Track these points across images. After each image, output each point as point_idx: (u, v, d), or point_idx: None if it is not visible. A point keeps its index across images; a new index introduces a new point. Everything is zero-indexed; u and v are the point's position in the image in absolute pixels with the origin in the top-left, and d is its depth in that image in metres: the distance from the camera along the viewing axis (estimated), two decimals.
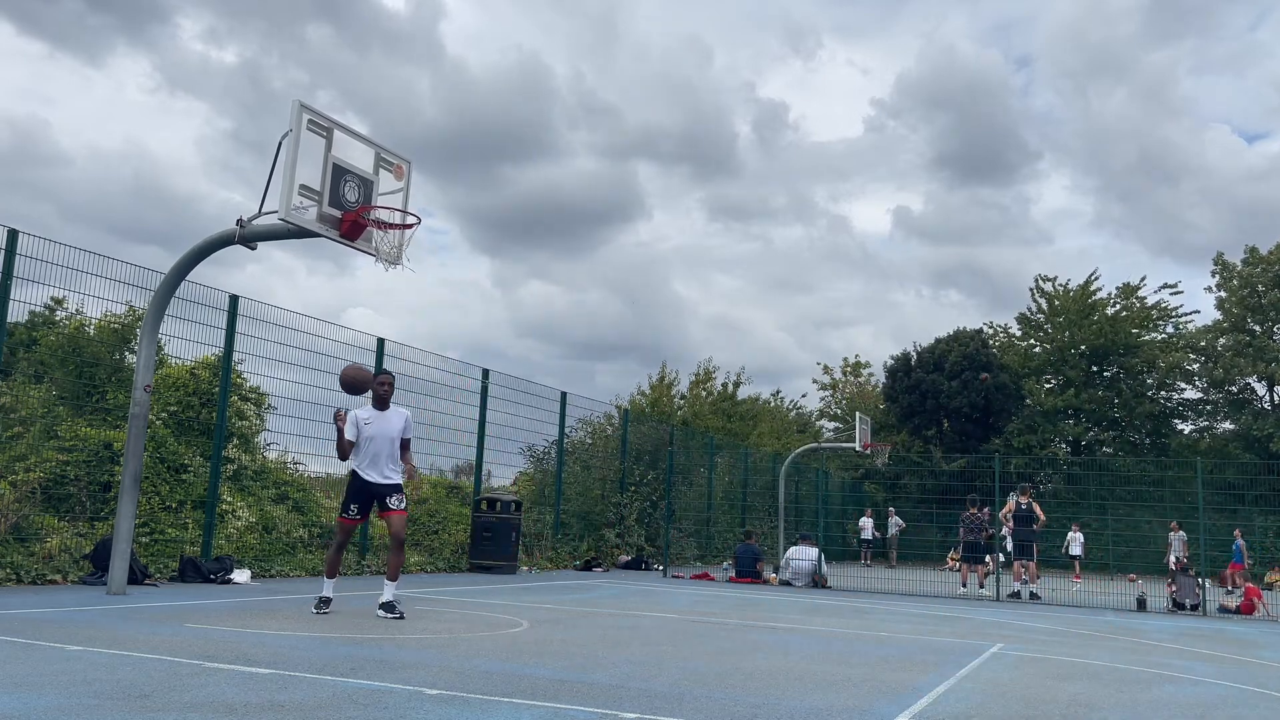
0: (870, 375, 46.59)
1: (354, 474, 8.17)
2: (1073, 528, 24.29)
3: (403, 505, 8.15)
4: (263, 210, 8.68)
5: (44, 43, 74.28)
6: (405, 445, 8.33)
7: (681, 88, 75.29)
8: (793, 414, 44.78)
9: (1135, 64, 70.79)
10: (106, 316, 11.83)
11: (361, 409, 8.37)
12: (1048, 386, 39.27)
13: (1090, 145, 68.04)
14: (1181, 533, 21.26)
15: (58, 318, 12.16)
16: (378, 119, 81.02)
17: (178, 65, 75.52)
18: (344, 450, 8.18)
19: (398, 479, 8.22)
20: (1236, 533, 22.24)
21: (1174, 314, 38.05)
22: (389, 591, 8.01)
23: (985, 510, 16.70)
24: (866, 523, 27.94)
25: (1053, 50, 72.25)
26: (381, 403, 8.33)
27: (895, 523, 27.92)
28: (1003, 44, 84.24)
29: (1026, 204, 70.64)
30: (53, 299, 11.39)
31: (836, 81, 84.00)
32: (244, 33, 79.64)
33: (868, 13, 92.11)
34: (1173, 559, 18.89)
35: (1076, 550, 23.89)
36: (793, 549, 17.26)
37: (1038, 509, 16.48)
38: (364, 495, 8.10)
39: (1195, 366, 36.86)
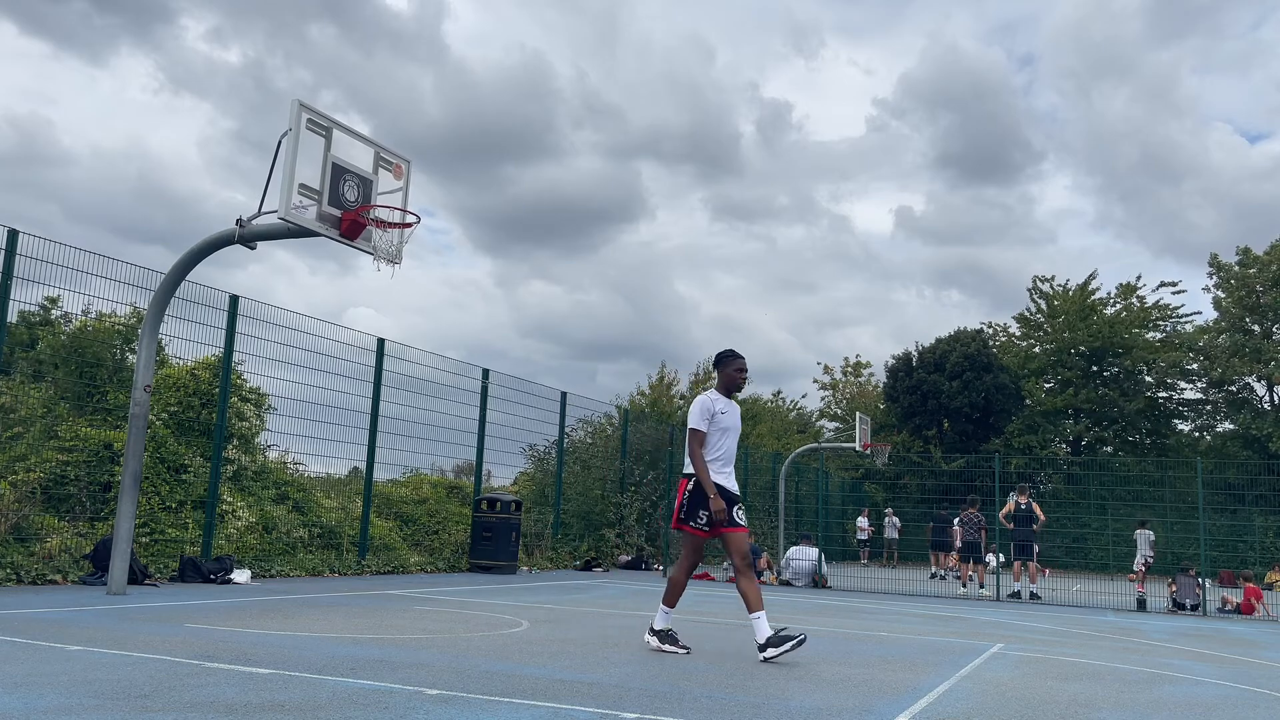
0: (871, 375, 46.62)
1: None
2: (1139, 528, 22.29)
3: (745, 521, 6.79)
4: (262, 210, 8.69)
5: (47, 42, 74.32)
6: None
7: (685, 87, 75.35)
8: (793, 414, 44.79)
9: (1138, 64, 70.83)
10: (107, 317, 11.82)
11: (711, 392, 6.93)
12: (1047, 386, 39.28)
13: (1092, 145, 68.06)
14: (1148, 531, 20.70)
15: (54, 317, 12.16)
16: (381, 118, 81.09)
17: (182, 65, 75.60)
18: (701, 442, 6.71)
19: (736, 487, 6.92)
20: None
21: (1174, 313, 38.07)
22: (764, 627, 6.43)
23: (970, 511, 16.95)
24: (863, 522, 27.95)
25: (1055, 50, 72.28)
26: (735, 391, 7.01)
27: (892, 524, 27.91)
28: (1006, 43, 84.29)
29: (1029, 204, 70.66)
30: (47, 298, 11.39)
31: (839, 81, 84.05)
32: (248, 32, 79.71)
33: (870, 12, 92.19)
34: (1140, 559, 18.56)
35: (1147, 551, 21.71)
36: (793, 549, 17.26)
37: (1037, 509, 16.48)
38: (727, 499, 6.70)
39: (1195, 366, 36.87)
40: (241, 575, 10.83)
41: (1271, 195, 56.60)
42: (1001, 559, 17.87)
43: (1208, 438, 37.49)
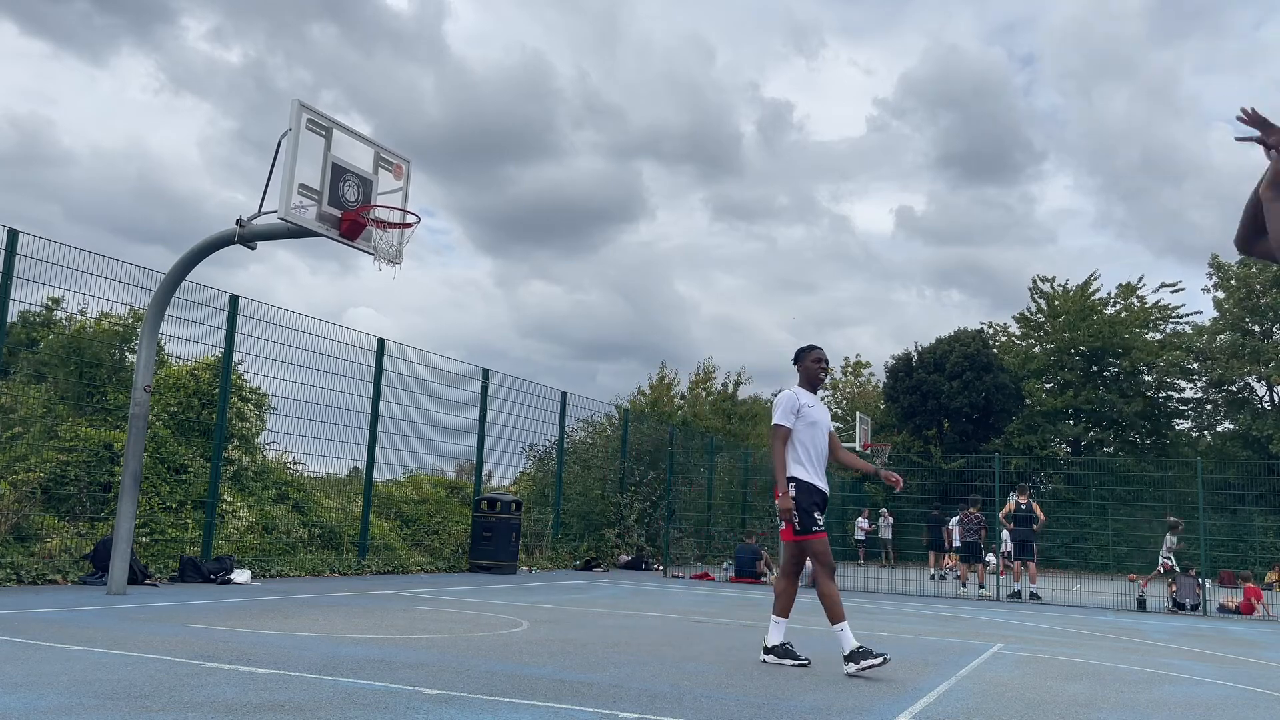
0: (871, 375, 46.63)
1: (802, 480, 6.39)
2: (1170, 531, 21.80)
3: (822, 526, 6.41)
4: (262, 210, 8.69)
5: (47, 42, 74.31)
6: (837, 444, 6.69)
7: (685, 87, 75.29)
8: None
9: (1139, 64, 70.82)
10: (106, 317, 11.83)
11: (795, 387, 6.62)
12: (1047, 387, 39.28)
13: (1093, 145, 68.04)
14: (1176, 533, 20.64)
15: (57, 318, 12.16)
16: (382, 118, 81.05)
17: (182, 65, 75.56)
18: (786, 439, 6.39)
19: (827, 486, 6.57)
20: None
21: (1174, 314, 38.09)
22: (848, 635, 6.16)
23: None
24: (863, 523, 27.96)
25: (1056, 50, 72.25)
26: (819, 385, 6.71)
27: (888, 523, 27.91)
28: (1006, 43, 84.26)
29: (1030, 204, 70.58)
30: (50, 299, 11.39)
31: (839, 81, 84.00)
32: (249, 32, 79.69)
33: (871, 12, 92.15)
34: (1165, 559, 18.52)
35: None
36: None
37: (1037, 509, 16.48)
38: (819, 500, 6.38)
39: (1195, 366, 36.88)
40: (241, 575, 10.83)
41: None
42: (1006, 549, 17.82)
43: (1208, 438, 37.49)
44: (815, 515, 6.26)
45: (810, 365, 6.62)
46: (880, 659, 6.03)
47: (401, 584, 12.01)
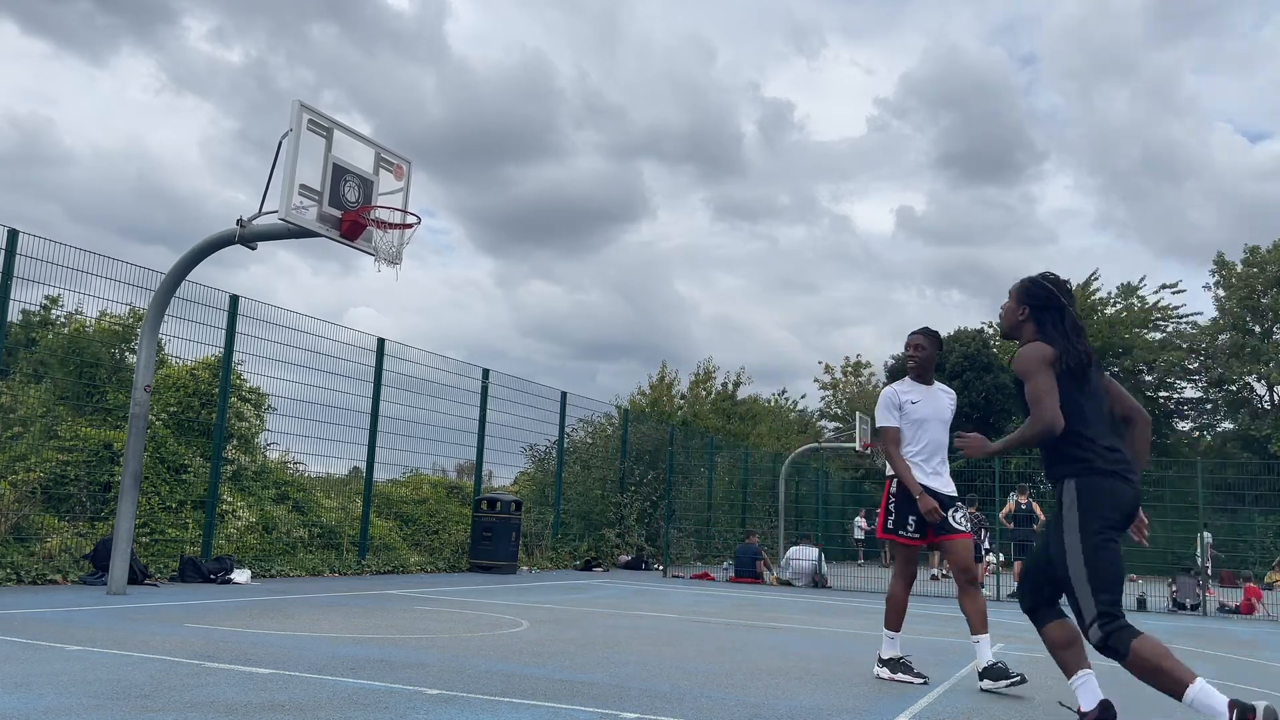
0: (871, 375, 46.65)
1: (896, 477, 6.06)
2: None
3: (968, 526, 6.02)
4: (263, 210, 8.69)
5: (48, 42, 74.30)
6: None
7: (686, 87, 75.30)
8: (794, 414, 44.79)
9: (1140, 64, 70.80)
10: (106, 317, 11.82)
11: (901, 382, 6.21)
12: None
13: (1094, 145, 68.05)
14: (1206, 533, 20.39)
15: (55, 318, 12.16)
16: (383, 118, 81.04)
17: (183, 65, 75.54)
18: (895, 440, 6.04)
19: (953, 489, 6.09)
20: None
21: (1174, 314, 38.09)
22: (985, 648, 5.82)
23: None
24: (861, 522, 27.97)
25: (1057, 50, 72.24)
26: (921, 374, 6.16)
27: None
28: (1007, 43, 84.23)
29: (1030, 204, 70.65)
30: (48, 298, 11.39)
31: (840, 81, 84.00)
32: (250, 32, 79.69)
33: (871, 12, 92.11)
34: (1200, 560, 18.38)
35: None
36: (793, 549, 17.26)
37: (1037, 509, 16.48)
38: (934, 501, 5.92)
39: (1195, 365, 36.88)
40: (241, 575, 10.83)
41: (1273, 195, 56.63)
42: (1001, 559, 17.87)
43: (1208, 438, 37.49)
44: (910, 519, 5.92)
45: (913, 352, 6.15)
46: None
47: (401, 584, 12.01)
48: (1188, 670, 3.82)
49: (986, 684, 5.76)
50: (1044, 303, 4.43)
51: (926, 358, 6.08)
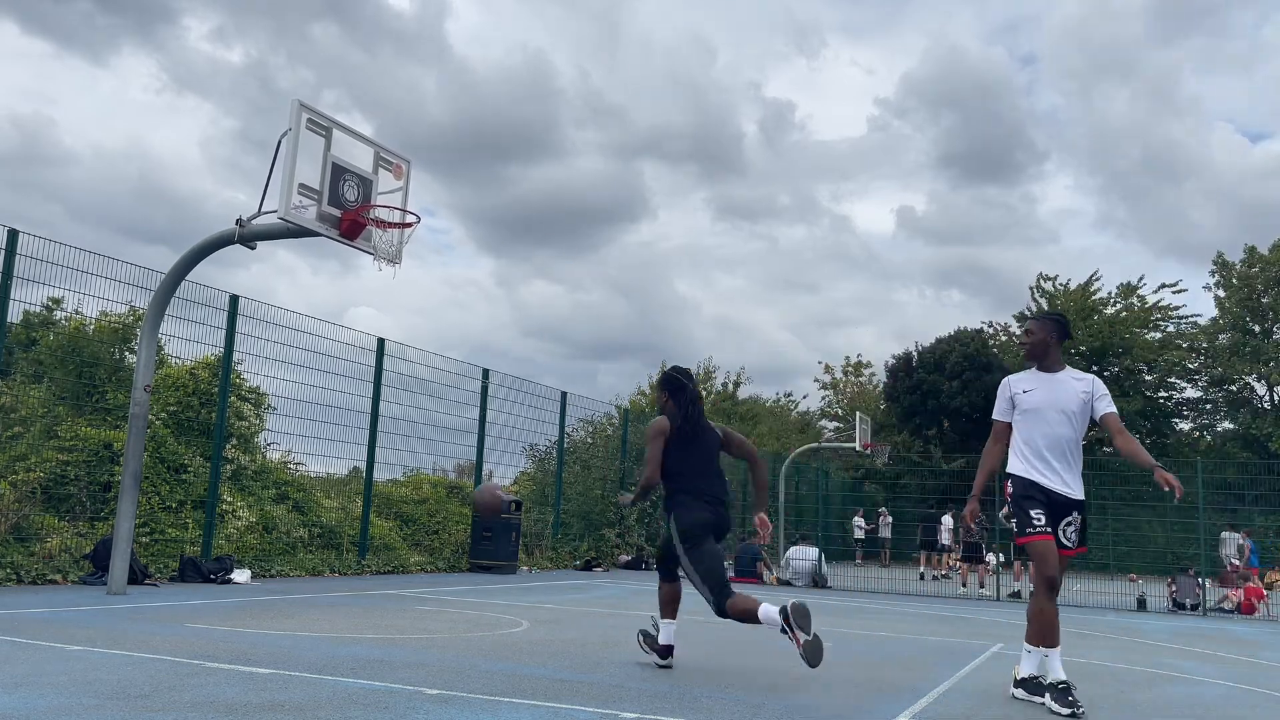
0: (871, 375, 46.65)
1: (1016, 475, 5.55)
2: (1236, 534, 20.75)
3: (1083, 542, 5.50)
4: (262, 209, 8.69)
5: (49, 42, 74.26)
6: (1116, 426, 5.47)
7: (687, 87, 75.25)
8: (794, 414, 44.82)
9: (1140, 63, 70.79)
10: (106, 316, 11.82)
11: (1022, 371, 5.74)
12: None
13: (1094, 145, 68.02)
14: (1235, 533, 20.28)
15: (56, 318, 12.16)
16: (384, 118, 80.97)
17: (184, 65, 75.45)
18: (995, 434, 5.63)
19: (1079, 491, 5.43)
20: (1244, 533, 21.40)
21: (1174, 314, 38.11)
22: (1056, 664, 5.25)
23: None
24: (860, 521, 28.00)
25: (1057, 50, 72.19)
26: (1039, 361, 5.61)
27: (887, 523, 27.93)
28: (1007, 43, 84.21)
29: (1031, 204, 70.55)
30: (51, 299, 11.39)
31: (841, 81, 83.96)
32: (251, 32, 79.66)
33: (872, 12, 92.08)
34: (1230, 561, 18.34)
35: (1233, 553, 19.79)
36: (793, 549, 17.27)
37: None
38: (1041, 499, 5.40)
39: (1195, 365, 36.88)
40: (241, 575, 10.83)
41: (1274, 195, 56.59)
42: (1001, 559, 17.88)
43: (1208, 437, 37.48)
44: (1032, 514, 5.34)
45: (1025, 336, 5.70)
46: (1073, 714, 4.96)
47: (401, 584, 12.00)
48: (756, 601, 5.42)
49: (1020, 693, 5.40)
50: (675, 387, 6.15)
51: (1036, 343, 5.56)
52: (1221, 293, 36.25)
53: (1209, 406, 37.99)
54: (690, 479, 5.87)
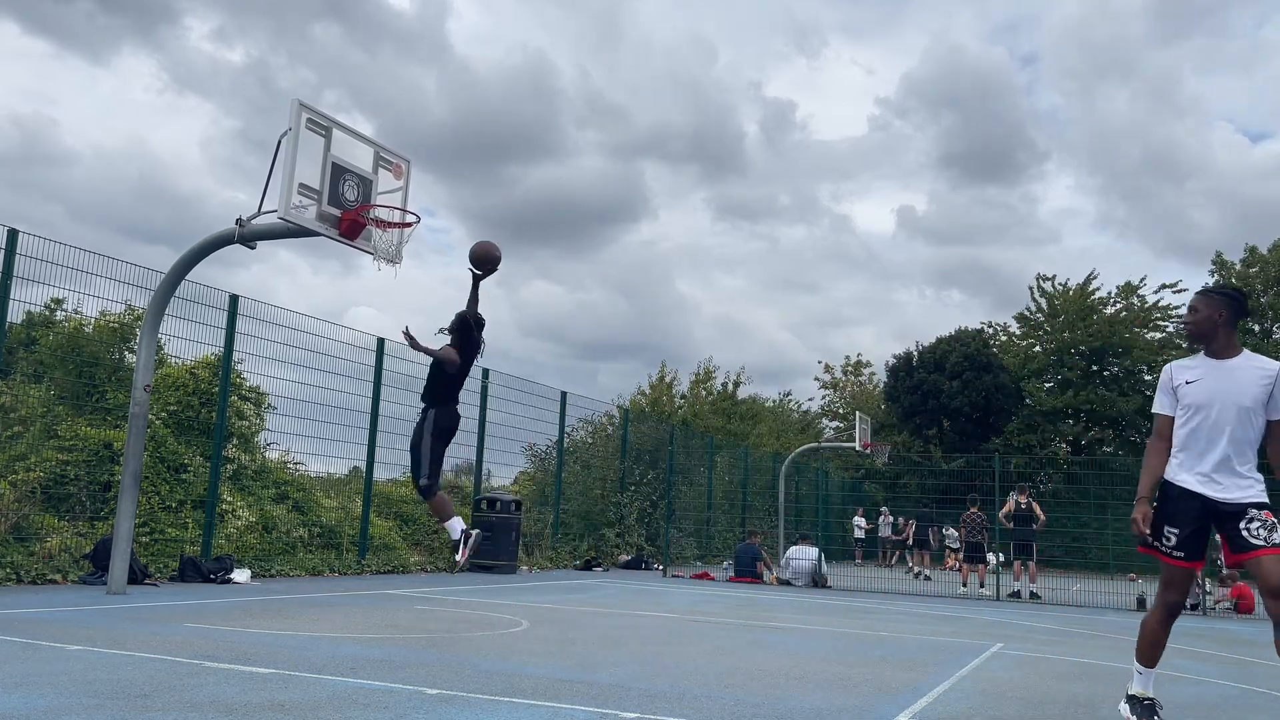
0: (872, 375, 46.68)
1: (1170, 481, 4.65)
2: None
3: (1272, 539, 4.31)
4: (262, 209, 8.68)
5: (49, 42, 74.23)
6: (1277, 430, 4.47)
7: (687, 87, 75.27)
8: (795, 414, 44.81)
9: (1140, 63, 70.85)
10: (105, 316, 11.82)
11: (1185, 359, 4.79)
12: (1047, 386, 39.28)
13: (1095, 145, 68.05)
14: None
15: (57, 318, 12.15)
16: (384, 118, 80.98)
17: (185, 65, 75.44)
18: (1158, 430, 4.73)
19: (1257, 490, 4.45)
20: None
21: (1174, 314, 38.12)
22: (1139, 680, 4.73)
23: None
24: (860, 521, 28.01)
25: (1058, 49, 72.27)
26: (1205, 345, 4.68)
27: (887, 523, 27.94)
28: (1008, 43, 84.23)
29: (1031, 204, 70.63)
30: (53, 299, 11.39)
31: (841, 80, 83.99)
32: (252, 32, 79.68)
33: (872, 12, 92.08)
34: None
35: None
36: (793, 549, 17.26)
37: (1037, 509, 16.47)
38: (1191, 513, 4.53)
39: None
40: (241, 575, 10.83)
41: (1274, 195, 56.63)
42: (1001, 559, 17.88)
43: None
44: (1165, 531, 4.58)
45: (1188, 314, 4.77)
46: None
47: (401, 584, 12.00)
48: (452, 512, 7.49)
49: (1124, 708, 4.76)
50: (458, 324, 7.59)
51: (1200, 321, 4.62)
52: None
53: None
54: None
